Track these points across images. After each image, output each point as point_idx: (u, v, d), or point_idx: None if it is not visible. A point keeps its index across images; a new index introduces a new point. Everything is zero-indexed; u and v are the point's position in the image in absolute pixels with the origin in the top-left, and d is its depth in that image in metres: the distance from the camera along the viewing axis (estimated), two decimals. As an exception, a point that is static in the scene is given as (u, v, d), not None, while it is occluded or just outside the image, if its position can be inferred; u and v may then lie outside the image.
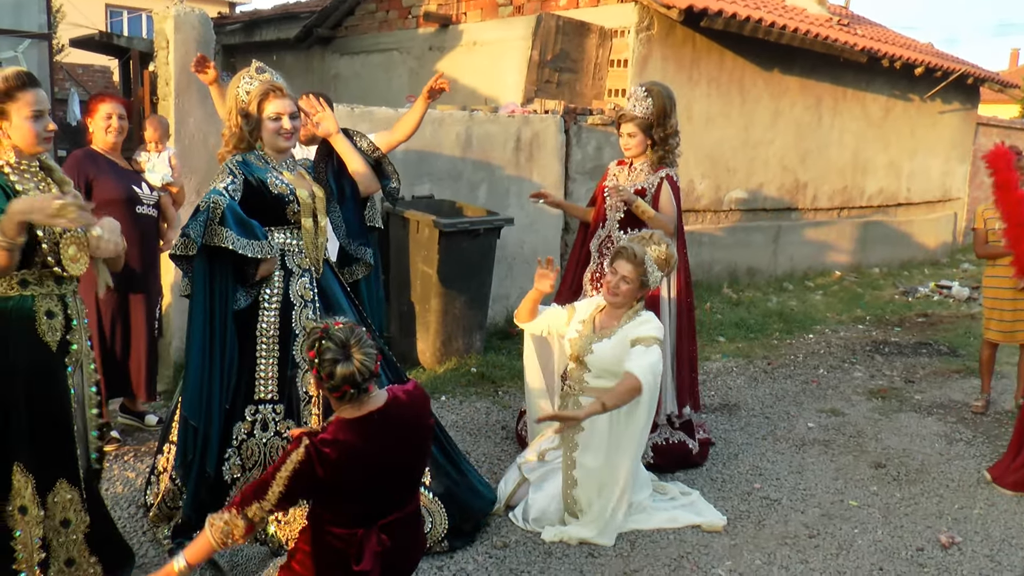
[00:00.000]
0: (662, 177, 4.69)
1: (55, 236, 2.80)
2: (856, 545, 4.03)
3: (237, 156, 3.64)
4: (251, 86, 3.66)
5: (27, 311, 2.81)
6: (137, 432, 4.90)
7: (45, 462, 2.91)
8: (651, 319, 4.06)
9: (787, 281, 10.33)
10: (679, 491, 4.41)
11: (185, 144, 5.47)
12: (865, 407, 6.01)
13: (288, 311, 3.62)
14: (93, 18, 21.81)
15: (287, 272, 3.64)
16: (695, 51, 9.12)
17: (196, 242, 3.39)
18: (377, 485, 2.79)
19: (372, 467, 2.75)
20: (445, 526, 3.70)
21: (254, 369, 3.60)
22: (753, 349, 7.41)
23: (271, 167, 3.67)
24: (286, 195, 3.62)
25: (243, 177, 3.57)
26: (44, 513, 2.92)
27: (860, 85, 11.09)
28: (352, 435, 2.71)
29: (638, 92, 4.68)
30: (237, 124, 3.66)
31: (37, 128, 2.80)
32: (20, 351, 2.82)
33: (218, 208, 3.41)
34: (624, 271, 4.00)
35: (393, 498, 2.86)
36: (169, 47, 5.38)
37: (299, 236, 3.69)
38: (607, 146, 7.91)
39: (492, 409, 5.52)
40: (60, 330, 2.89)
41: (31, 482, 2.88)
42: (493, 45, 9.52)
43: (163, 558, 3.59)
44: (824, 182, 11.03)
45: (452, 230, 5.86)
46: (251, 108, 3.62)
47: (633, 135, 4.68)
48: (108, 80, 19.23)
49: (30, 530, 2.90)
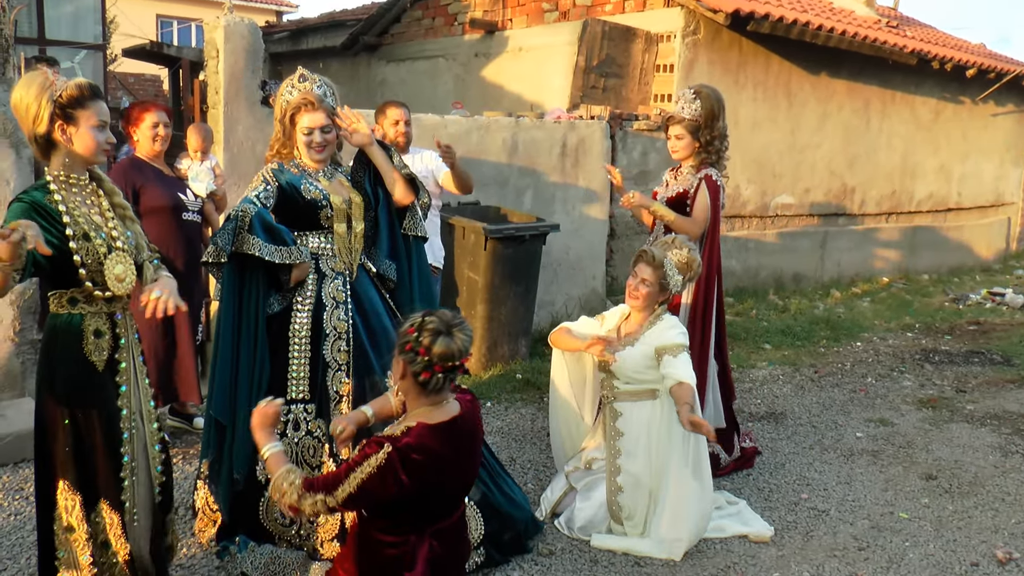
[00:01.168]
0: (700, 178, 4.64)
1: (99, 257, 2.78)
2: (907, 559, 3.96)
3: (274, 163, 3.71)
4: (291, 96, 3.71)
5: (75, 329, 2.81)
6: (186, 435, 4.98)
7: (89, 481, 2.88)
8: (674, 325, 4.03)
9: (834, 287, 10.19)
10: (726, 500, 4.37)
11: (234, 152, 5.55)
12: (915, 417, 5.91)
13: (320, 312, 3.66)
14: (144, 28, 22.22)
15: (320, 275, 3.68)
16: (741, 55, 9.05)
17: (225, 250, 3.45)
18: (444, 493, 2.78)
19: (447, 475, 2.73)
20: (481, 532, 3.71)
21: (286, 369, 3.64)
22: (800, 357, 7.32)
23: (307, 174, 3.72)
24: (319, 200, 3.66)
25: (276, 184, 3.63)
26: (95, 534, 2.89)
27: (909, 88, 10.91)
28: (437, 442, 2.68)
29: (687, 94, 4.66)
30: (280, 130, 3.75)
31: (100, 139, 2.82)
32: (64, 369, 2.81)
33: (247, 216, 3.46)
34: (644, 274, 4.01)
35: (448, 506, 2.86)
36: (219, 56, 5.46)
37: (333, 240, 3.73)
38: (653, 151, 7.88)
39: (537, 416, 5.51)
40: (107, 349, 2.86)
41: (78, 499, 2.84)
42: (539, 51, 9.53)
43: (211, 560, 3.65)
44: (872, 187, 10.87)
45: (498, 236, 5.88)
46: (286, 120, 3.69)
47: (681, 137, 4.64)
48: (158, 89, 19.55)
49: (76, 549, 2.87)
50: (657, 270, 3.99)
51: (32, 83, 2.73)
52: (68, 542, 2.87)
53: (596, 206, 7.67)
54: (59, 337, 2.81)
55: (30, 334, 4.92)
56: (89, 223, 2.80)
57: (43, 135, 2.75)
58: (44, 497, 2.87)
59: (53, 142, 2.77)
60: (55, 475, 2.84)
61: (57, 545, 2.88)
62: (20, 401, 4.87)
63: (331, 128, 3.72)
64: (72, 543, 2.87)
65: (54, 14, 12.59)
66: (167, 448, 3.16)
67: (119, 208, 2.96)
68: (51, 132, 2.75)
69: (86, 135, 2.79)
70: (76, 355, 2.81)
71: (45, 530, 2.90)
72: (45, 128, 2.74)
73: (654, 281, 3.99)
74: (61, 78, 2.77)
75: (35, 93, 2.71)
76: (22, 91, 2.74)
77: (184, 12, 25.50)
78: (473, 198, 6.79)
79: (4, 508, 4.05)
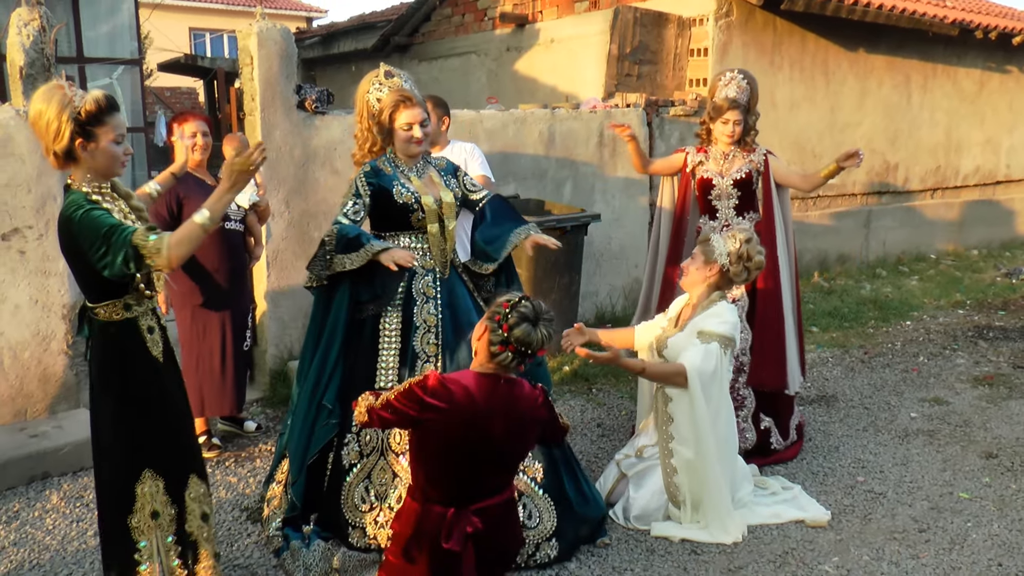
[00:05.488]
0: (764, 153, 4.79)
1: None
2: (970, 539, 3.87)
3: (367, 167, 3.81)
4: (381, 93, 3.80)
5: (135, 331, 2.90)
6: (237, 438, 5.03)
7: (176, 463, 3.02)
8: (721, 313, 3.98)
9: (880, 267, 10.02)
10: (780, 486, 4.32)
11: (272, 156, 5.58)
12: (971, 395, 5.79)
13: (410, 307, 3.77)
14: (178, 41, 22.55)
15: (411, 272, 3.77)
16: (776, 35, 8.92)
17: (322, 277, 3.72)
18: (471, 455, 2.84)
19: (473, 430, 2.81)
20: (553, 524, 3.71)
21: (376, 359, 3.74)
22: (848, 338, 7.21)
23: (400, 172, 3.82)
24: (411, 204, 3.77)
25: (368, 194, 3.76)
26: (184, 511, 3.02)
27: (951, 59, 10.67)
28: (474, 387, 2.83)
29: (738, 79, 4.75)
30: (368, 128, 3.85)
31: (119, 152, 2.84)
32: (137, 371, 2.92)
33: (332, 239, 3.67)
34: (694, 252, 4.12)
35: (487, 480, 2.92)
36: (253, 63, 5.50)
37: (424, 240, 3.83)
38: (689, 137, 7.79)
39: (587, 407, 5.49)
40: (160, 342, 2.98)
41: (161, 484, 2.95)
42: (571, 41, 9.48)
43: (267, 559, 3.69)
44: (915, 163, 10.66)
45: (540, 228, 5.83)
46: (383, 117, 3.78)
47: (739, 122, 4.72)
48: (194, 100, 19.82)
49: (160, 535, 2.97)
50: (703, 245, 4.07)
51: (52, 98, 2.73)
52: (151, 529, 2.96)
53: (636, 195, 7.61)
54: (124, 342, 2.90)
55: (82, 346, 5.00)
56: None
57: (63, 151, 2.77)
58: (117, 496, 2.95)
59: (74, 156, 2.79)
60: (136, 468, 2.93)
61: (137, 537, 2.96)
62: (75, 412, 4.96)
63: (428, 121, 3.85)
64: (158, 528, 2.97)
65: (92, 33, 12.86)
66: None
67: (136, 211, 3.01)
68: (72, 149, 2.77)
69: (107, 150, 2.81)
70: (142, 355, 2.92)
71: (120, 529, 2.96)
72: (66, 146, 2.76)
73: (699, 254, 4.05)
74: (77, 90, 2.78)
75: (56, 110, 2.72)
76: (41, 106, 2.74)
77: (216, 24, 25.85)
78: (512, 191, 6.77)
79: (67, 515, 4.12)
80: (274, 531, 3.75)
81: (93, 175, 2.84)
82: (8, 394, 4.88)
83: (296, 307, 5.77)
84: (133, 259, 2.67)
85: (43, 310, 4.91)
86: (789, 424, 4.79)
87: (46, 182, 4.84)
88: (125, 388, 2.91)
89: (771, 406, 4.72)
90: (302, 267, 5.79)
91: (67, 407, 5.04)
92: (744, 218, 4.79)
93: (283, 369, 5.77)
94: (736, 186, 4.75)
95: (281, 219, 5.69)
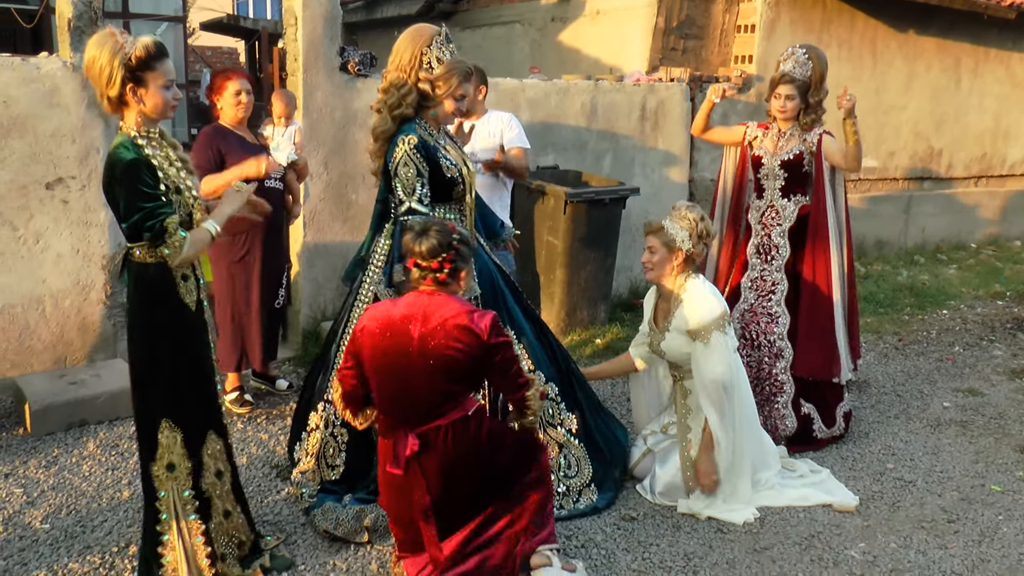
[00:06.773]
0: (820, 133, 4.63)
1: (188, 208, 2.97)
2: (1001, 532, 3.84)
3: (414, 139, 3.60)
4: (443, 55, 3.63)
5: (168, 276, 2.94)
6: (268, 396, 5.08)
7: (195, 417, 3.06)
8: (694, 299, 3.89)
9: (918, 254, 9.87)
10: (809, 469, 4.30)
11: (313, 118, 5.59)
12: (1007, 387, 5.71)
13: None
14: (220, 1, 22.55)
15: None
16: (825, 13, 8.75)
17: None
18: (398, 366, 3.02)
19: (394, 336, 3.02)
20: (590, 470, 3.81)
21: None
22: (882, 324, 7.12)
23: (437, 142, 3.72)
24: (456, 178, 3.72)
25: (427, 169, 3.63)
26: (201, 467, 3.07)
27: (1005, 44, 10.42)
28: (398, 299, 3.14)
29: (798, 54, 4.63)
30: (414, 83, 3.62)
31: (168, 97, 2.91)
32: (164, 313, 2.96)
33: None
34: (648, 243, 3.96)
35: (421, 396, 3.03)
36: (297, 23, 5.50)
37: (461, 212, 3.81)
38: (733, 114, 7.70)
39: (617, 381, 5.47)
40: (195, 291, 3.02)
41: (179, 436, 3.00)
42: (617, 13, 9.36)
43: (296, 515, 3.74)
44: (961, 149, 10.46)
45: (578, 200, 5.83)
46: (439, 81, 3.62)
47: (792, 97, 4.59)
48: (235, 61, 19.84)
49: (177, 487, 3.03)
50: (657, 233, 3.93)
51: (104, 45, 2.81)
52: (168, 480, 3.02)
53: (676, 169, 7.54)
54: (155, 286, 2.94)
55: (120, 297, 5.07)
56: (177, 176, 2.95)
57: (115, 96, 2.85)
58: (147, 442, 3.02)
59: (125, 101, 2.87)
60: (157, 416, 2.99)
61: (157, 486, 3.03)
62: (113, 362, 5.05)
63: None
64: (174, 480, 3.03)
65: (137, -11, 12.94)
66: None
67: (183, 161, 3.07)
68: (123, 94, 2.85)
69: (156, 95, 2.88)
70: (173, 300, 2.97)
71: (147, 475, 3.05)
72: (118, 91, 2.84)
73: (658, 245, 3.92)
74: (128, 37, 2.85)
75: (108, 56, 2.80)
76: (95, 51, 2.82)
77: (260, -17, 25.75)
78: (552, 162, 6.74)
79: (102, 463, 4.20)
80: (308, 498, 3.78)
81: (143, 119, 2.91)
82: (49, 340, 4.97)
83: (331, 268, 5.81)
84: (156, 234, 2.81)
85: (84, 260, 4.98)
86: (836, 411, 4.70)
87: (90, 134, 4.89)
88: (150, 327, 2.96)
89: (814, 392, 4.65)
90: (339, 228, 5.86)
91: (104, 356, 5.13)
92: (790, 201, 4.64)
93: (316, 329, 5.82)
94: (784, 167, 4.62)
95: (319, 180, 5.71)
